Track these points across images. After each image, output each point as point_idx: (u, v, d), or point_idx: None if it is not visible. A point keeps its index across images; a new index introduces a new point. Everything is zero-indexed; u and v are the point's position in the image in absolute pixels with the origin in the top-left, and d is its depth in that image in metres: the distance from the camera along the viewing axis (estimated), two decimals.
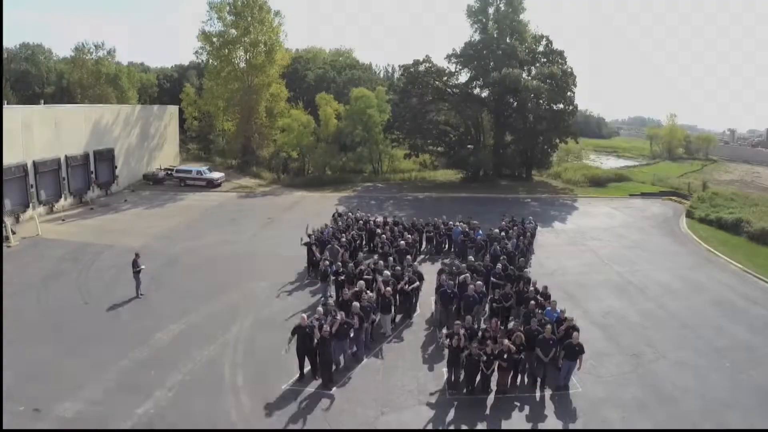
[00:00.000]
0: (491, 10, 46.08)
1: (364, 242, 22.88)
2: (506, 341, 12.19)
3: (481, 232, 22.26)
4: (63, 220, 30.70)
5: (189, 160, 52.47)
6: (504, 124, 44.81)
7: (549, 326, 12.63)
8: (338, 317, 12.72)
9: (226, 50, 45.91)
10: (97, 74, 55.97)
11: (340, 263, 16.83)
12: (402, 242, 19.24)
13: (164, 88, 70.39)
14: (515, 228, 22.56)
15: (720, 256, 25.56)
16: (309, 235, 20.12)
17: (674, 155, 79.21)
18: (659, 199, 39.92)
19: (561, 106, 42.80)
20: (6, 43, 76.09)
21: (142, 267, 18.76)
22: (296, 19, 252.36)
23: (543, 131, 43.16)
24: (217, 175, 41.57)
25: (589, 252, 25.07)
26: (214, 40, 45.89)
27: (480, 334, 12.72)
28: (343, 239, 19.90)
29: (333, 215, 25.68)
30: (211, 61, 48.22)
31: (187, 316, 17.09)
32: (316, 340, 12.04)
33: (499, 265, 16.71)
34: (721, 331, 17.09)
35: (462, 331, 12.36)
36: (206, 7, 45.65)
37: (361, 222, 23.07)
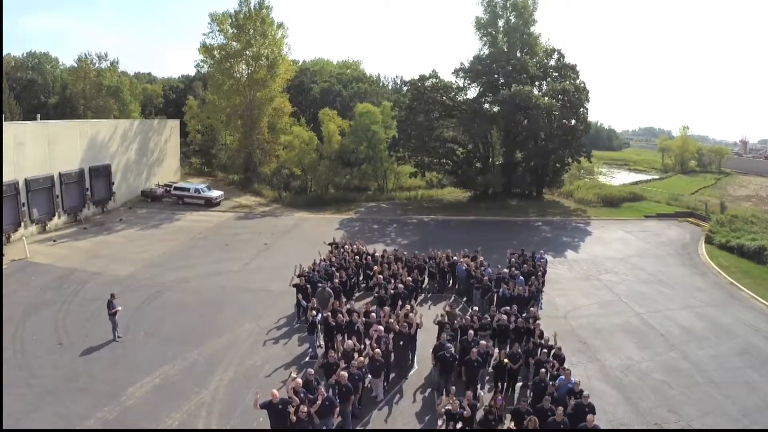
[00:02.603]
0: (501, 23, 44.56)
1: (361, 277, 21.34)
2: (512, 425, 10.54)
3: (490, 269, 20.45)
4: (54, 240, 29.80)
5: (192, 174, 51.67)
6: (514, 141, 43.08)
7: (561, 409, 10.86)
8: (319, 395, 11.05)
9: (228, 64, 44.84)
10: (98, 86, 55.37)
11: (329, 313, 15.19)
12: (400, 285, 17.61)
13: (170, 99, 69.81)
14: (525, 265, 20.73)
15: (743, 290, 24.04)
16: (299, 276, 18.54)
17: (686, 168, 77.54)
18: (675, 220, 38.21)
19: (573, 122, 41.11)
20: (14, 52, 76.20)
21: (119, 308, 17.43)
22: (305, 29, 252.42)
23: (554, 149, 41.45)
24: (216, 193, 40.28)
25: (605, 288, 23.29)
26: (216, 53, 44.87)
27: (482, 413, 11.03)
28: (336, 280, 18.25)
29: (330, 245, 24.13)
30: (213, 73, 47.19)
31: (163, 366, 15.64)
32: (292, 419, 10.39)
33: (504, 317, 15.00)
34: (751, 387, 15.46)
35: (460, 426, 10.64)
36: (208, 18, 44.65)
37: (358, 258, 21.39)
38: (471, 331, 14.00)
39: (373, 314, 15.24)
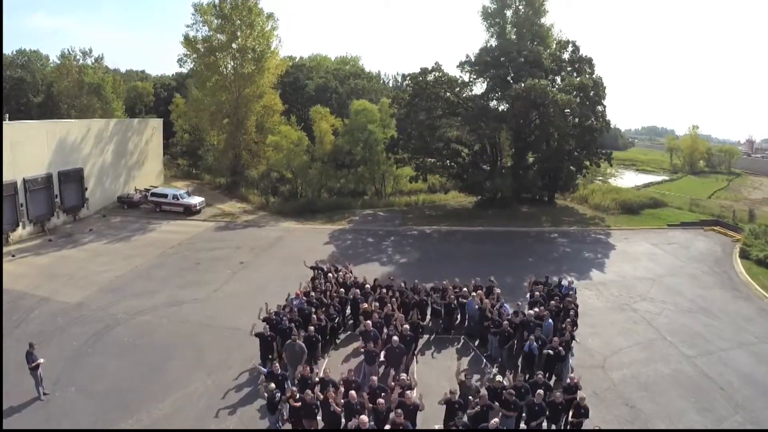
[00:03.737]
0: (509, 13, 40.67)
1: (348, 312, 17.60)
2: None
3: (508, 306, 16.53)
4: (13, 255, 26.66)
5: (178, 177, 48.30)
6: (525, 142, 39.20)
7: None
8: None
9: (213, 58, 41.12)
10: (80, 84, 51.88)
11: (296, 383, 11.42)
12: (395, 338, 13.66)
13: (161, 97, 66.32)
14: (552, 302, 16.65)
15: None
16: (264, 321, 14.74)
17: (696, 169, 74.02)
18: (701, 229, 34.46)
19: (590, 122, 37.23)
20: (5, 50, 72.73)
21: (40, 361, 13.92)
22: (305, 28, 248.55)
23: (570, 151, 37.59)
24: (195, 200, 36.51)
25: (643, 322, 19.42)
26: (200, 46, 41.19)
27: None
28: (312, 327, 14.34)
29: (312, 268, 20.26)
30: (198, 69, 43.52)
31: None
32: None
33: (540, 392, 11.12)
34: None
35: None
36: (191, 9, 40.98)
37: (343, 290, 17.48)
38: (494, 420, 10.14)
39: (354, 393, 11.04)
